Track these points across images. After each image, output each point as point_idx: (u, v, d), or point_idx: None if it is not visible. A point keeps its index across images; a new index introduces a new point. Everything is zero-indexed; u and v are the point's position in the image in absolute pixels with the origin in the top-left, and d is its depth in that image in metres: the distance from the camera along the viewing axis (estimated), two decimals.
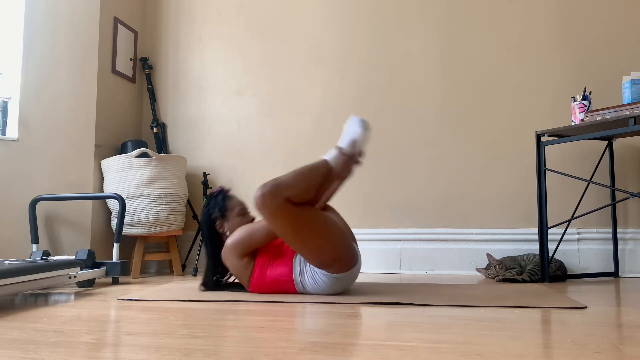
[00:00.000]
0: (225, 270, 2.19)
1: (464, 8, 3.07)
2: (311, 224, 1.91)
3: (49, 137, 2.92)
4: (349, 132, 1.99)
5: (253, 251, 2.07)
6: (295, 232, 1.89)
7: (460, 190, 2.99)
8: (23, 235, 2.79)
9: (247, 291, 2.12)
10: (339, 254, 1.95)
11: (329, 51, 3.24)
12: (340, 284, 2.00)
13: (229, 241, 2.06)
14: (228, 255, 2.07)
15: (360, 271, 3.01)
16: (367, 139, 2.00)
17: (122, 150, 3.16)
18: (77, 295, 2.16)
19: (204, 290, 2.18)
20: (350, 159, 1.99)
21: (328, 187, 2.01)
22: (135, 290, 2.31)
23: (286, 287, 2.03)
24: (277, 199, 1.84)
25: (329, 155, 1.99)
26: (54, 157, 2.92)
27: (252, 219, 2.19)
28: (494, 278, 2.60)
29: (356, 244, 2.13)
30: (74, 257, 2.46)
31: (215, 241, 2.16)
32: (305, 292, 2.03)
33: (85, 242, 2.94)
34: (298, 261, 2.01)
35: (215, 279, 2.18)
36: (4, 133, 2.85)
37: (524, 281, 2.49)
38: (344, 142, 1.99)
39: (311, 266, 1.98)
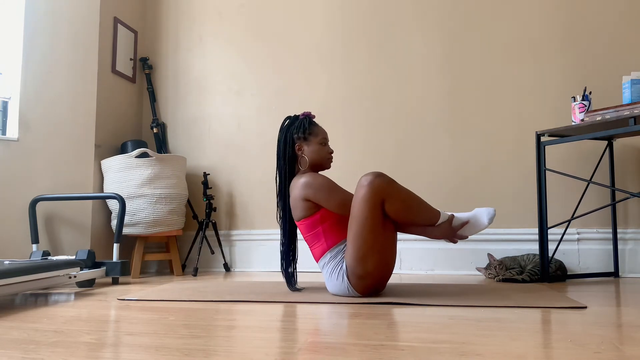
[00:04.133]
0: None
1: (464, 9, 3.07)
2: (379, 233, 1.90)
3: (49, 137, 2.92)
4: (474, 216, 2.01)
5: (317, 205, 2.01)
6: (362, 225, 1.88)
7: (460, 190, 2.99)
8: (23, 235, 2.79)
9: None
10: (374, 275, 1.93)
11: (329, 50, 3.24)
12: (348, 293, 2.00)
13: (309, 179, 1.99)
14: (297, 186, 2.01)
15: None
16: (478, 230, 2.02)
17: (122, 150, 3.16)
18: (77, 295, 2.16)
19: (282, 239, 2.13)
20: (450, 232, 1.98)
21: (414, 230, 2.01)
22: (135, 290, 2.31)
23: (318, 252, 2.03)
24: (379, 195, 1.87)
25: (444, 214, 1.99)
26: (54, 157, 2.92)
27: (331, 152, 2.15)
28: (494, 278, 2.60)
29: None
30: (74, 257, 2.46)
31: (290, 162, 2.11)
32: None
33: (85, 242, 2.94)
34: (336, 251, 1.99)
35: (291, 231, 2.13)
36: (4, 133, 2.85)
37: (524, 281, 2.49)
38: (462, 217, 2.00)
39: (342, 263, 1.96)
